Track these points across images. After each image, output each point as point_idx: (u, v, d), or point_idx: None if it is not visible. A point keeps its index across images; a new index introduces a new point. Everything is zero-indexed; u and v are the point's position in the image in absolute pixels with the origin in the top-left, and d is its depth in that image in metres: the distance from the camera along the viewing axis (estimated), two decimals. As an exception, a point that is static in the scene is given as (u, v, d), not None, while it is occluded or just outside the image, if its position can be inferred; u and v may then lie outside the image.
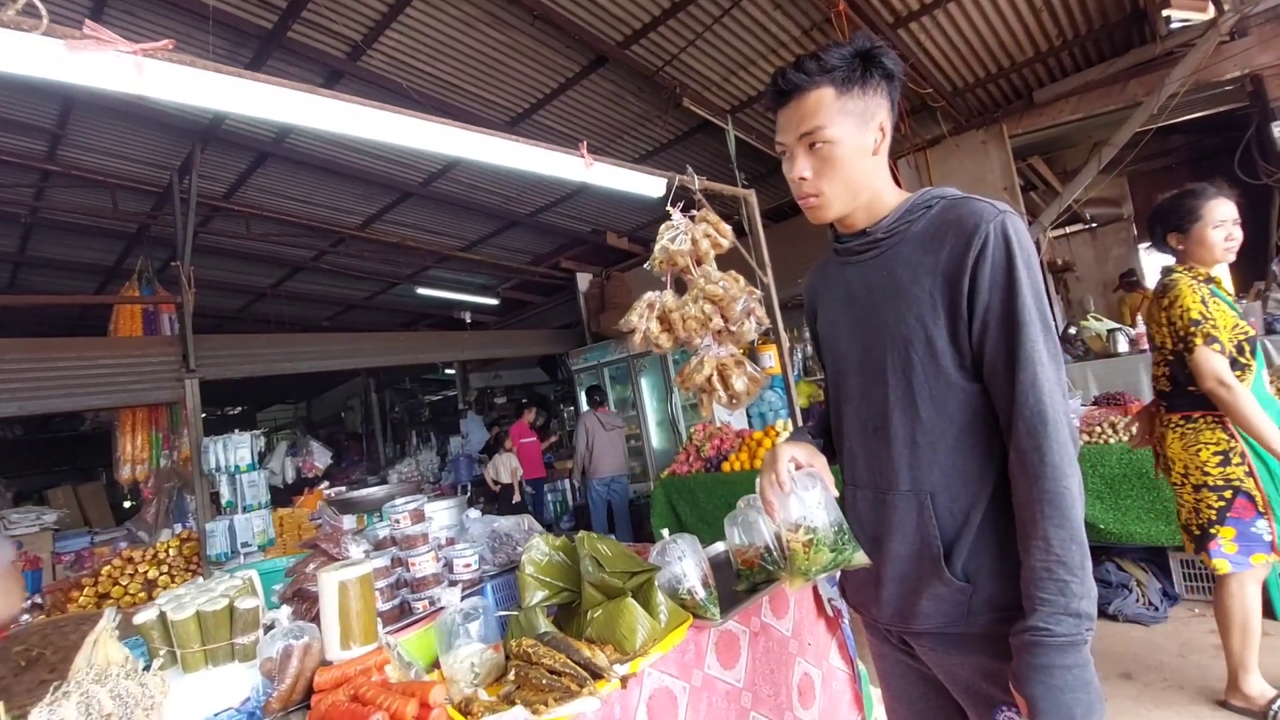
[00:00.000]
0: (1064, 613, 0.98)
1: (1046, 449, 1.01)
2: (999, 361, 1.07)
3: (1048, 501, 1.00)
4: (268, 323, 10.03)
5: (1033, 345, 1.04)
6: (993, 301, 1.07)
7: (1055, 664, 0.97)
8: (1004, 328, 1.06)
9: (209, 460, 5.14)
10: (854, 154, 1.18)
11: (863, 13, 4.72)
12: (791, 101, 1.19)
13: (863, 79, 1.16)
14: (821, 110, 1.16)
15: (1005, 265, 1.06)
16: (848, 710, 2.20)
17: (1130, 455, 3.51)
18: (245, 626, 1.69)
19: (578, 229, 8.91)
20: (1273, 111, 5.11)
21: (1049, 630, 0.98)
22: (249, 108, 1.92)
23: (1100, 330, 5.74)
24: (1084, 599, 0.99)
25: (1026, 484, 1.03)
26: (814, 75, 1.16)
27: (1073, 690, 0.96)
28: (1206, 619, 3.41)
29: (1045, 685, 0.97)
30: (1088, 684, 0.97)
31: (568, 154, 2.22)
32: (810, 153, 1.19)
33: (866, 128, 1.18)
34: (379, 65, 5.00)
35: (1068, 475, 1.01)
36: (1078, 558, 0.99)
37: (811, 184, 1.20)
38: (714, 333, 2.13)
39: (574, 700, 1.36)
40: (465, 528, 2.29)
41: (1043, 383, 1.03)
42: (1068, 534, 0.99)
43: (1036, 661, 0.98)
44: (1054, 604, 0.99)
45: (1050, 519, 1.00)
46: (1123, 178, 8.67)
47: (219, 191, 6.61)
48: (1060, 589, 0.99)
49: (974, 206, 1.11)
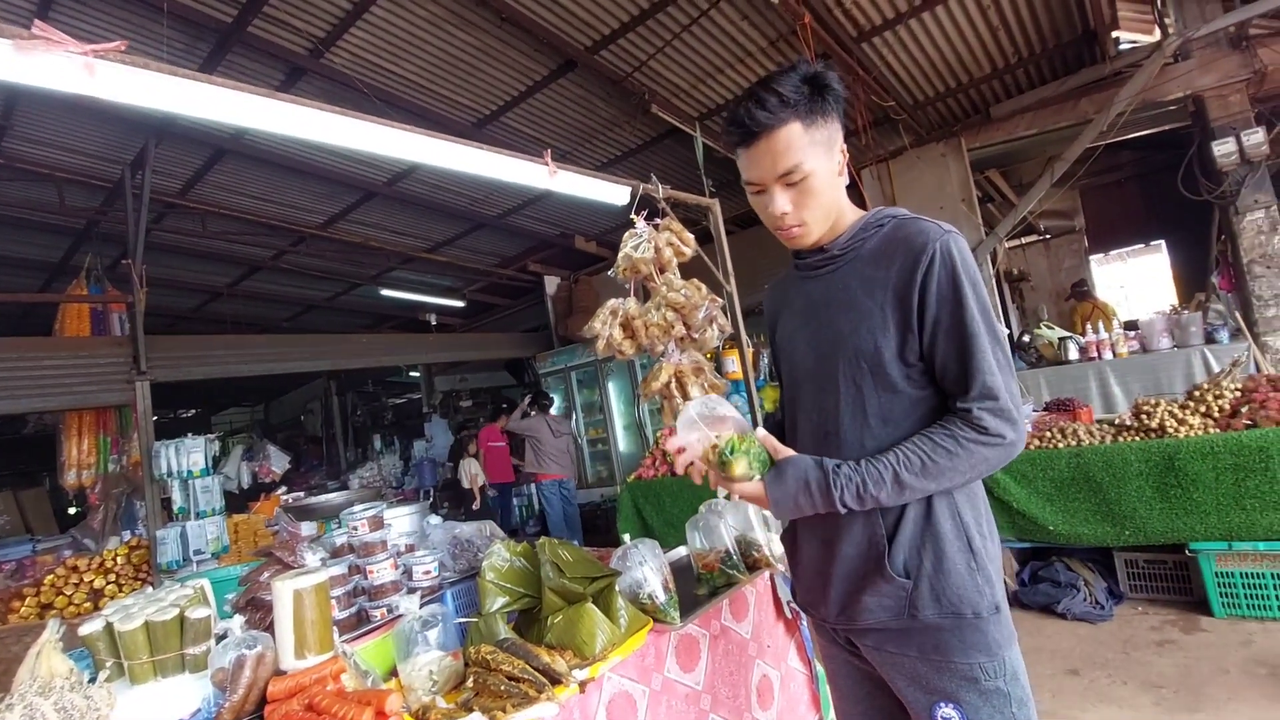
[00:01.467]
0: (851, 494, 1.14)
1: (975, 450, 1.12)
2: (950, 371, 1.14)
3: (940, 472, 1.12)
4: (224, 323, 9.76)
5: (983, 354, 1.11)
6: (941, 315, 1.14)
7: (799, 499, 1.18)
8: (954, 340, 1.13)
9: (160, 465, 4.99)
10: (827, 181, 1.23)
11: (828, 26, 4.82)
12: (760, 141, 1.19)
13: (823, 107, 1.20)
14: (794, 147, 1.18)
15: (951, 282, 1.13)
16: (805, 710, 2.24)
17: (1079, 459, 3.65)
18: (196, 637, 1.65)
19: (546, 232, 8.88)
20: (1213, 131, 5.36)
21: (840, 491, 1.15)
22: (205, 111, 1.88)
23: (1052, 338, 5.94)
24: (867, 499, 1.14)
25: (946, 446, 1.13)
26: (779, 111, 1.17)
27: (778, 503, 1.20)
28: (1149, 616, 3.56)
29: (782, 491, 1.19)
30: (789, 499, 1.19)
31: (532, 162, 2.22)
32: (789, 189, 1.22)
33: (832, 153, 1.23)
34: (342, 63, 4.91)
35: (966, 474, 1.13)
36: (899, 495, 1.14)
37: (793, 216, 1.24)
38: (676, 339, 2.15)
39: (532, 706, 1.36)
40: (426, 534, 2.27)
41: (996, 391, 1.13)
42: (919, 487, 1.13)
43: (800, 480, 1.18)
44: (857, 485, 1.14)
45: (926, 472, 1.12)
46: (1075, 191, 9.00)
47: (174, 188, 6.42)
48: (875, 483, 1.13)
49: (921, 226, 1.18)
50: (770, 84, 1.18)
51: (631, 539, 1.93)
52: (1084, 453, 3.65)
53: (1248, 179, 5.23)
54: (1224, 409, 3.50)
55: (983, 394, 1.11)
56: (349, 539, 1.93)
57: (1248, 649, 3.05)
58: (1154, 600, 3.72)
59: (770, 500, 1.20)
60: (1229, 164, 5.22)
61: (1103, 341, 5.45)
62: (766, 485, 1.21)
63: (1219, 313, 5.23)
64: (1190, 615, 3.48)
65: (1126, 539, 3.57)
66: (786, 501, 1.19)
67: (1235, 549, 3.30)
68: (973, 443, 1.10)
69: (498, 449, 8.26)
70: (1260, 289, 5.24)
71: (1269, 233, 5.23)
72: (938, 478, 1.12)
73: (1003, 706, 1.14)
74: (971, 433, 1.10)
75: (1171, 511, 3.42)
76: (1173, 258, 9.36)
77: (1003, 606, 1.18)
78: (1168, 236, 9.29)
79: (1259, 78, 5.24)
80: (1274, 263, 5.21)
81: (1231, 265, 5.67)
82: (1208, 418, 3.50)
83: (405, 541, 2.10)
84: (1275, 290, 5.20)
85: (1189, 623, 3.41)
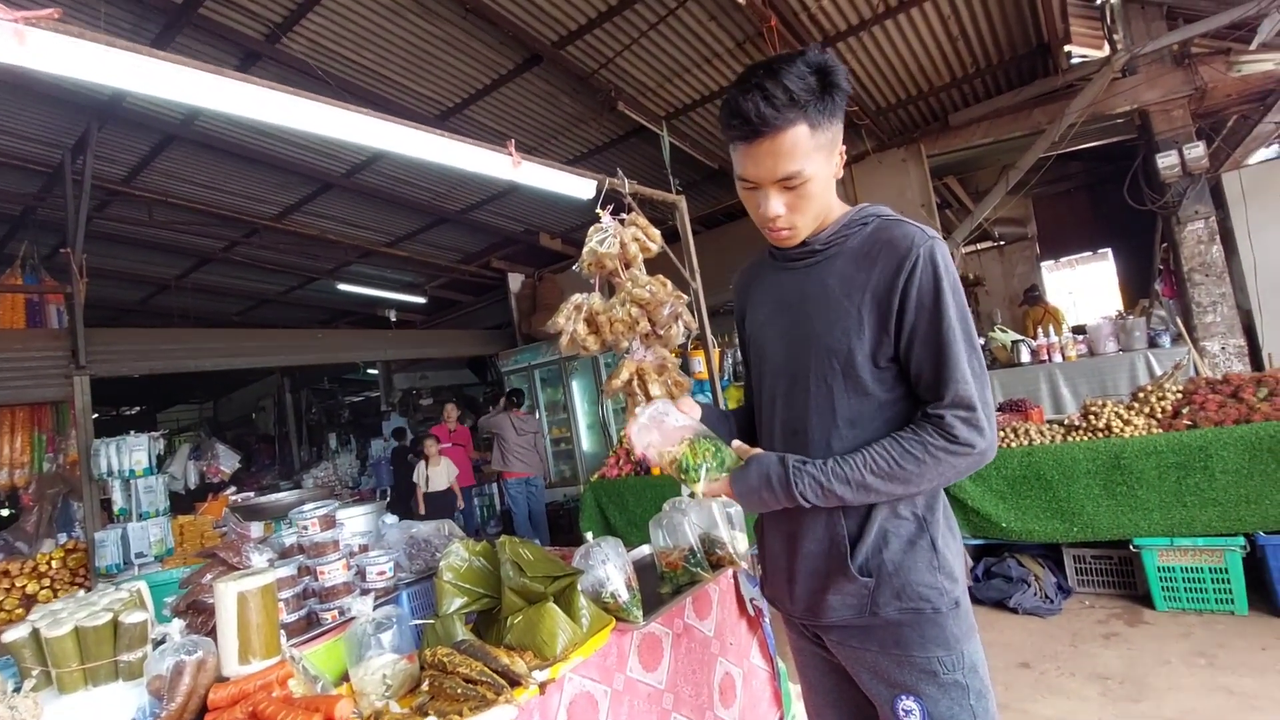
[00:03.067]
0: (813, 491, 1.15)
1: (944, 458, 1.13)
2: (926, 377, 1.14)
3: (907, 476, 1.13)
4: (171, 316, 9.37)
5: (958, 362, 1.11)
6: (919, 321, 1.13)
7: (761, 491, 1.20)
8: (931, 346, 1.12)
9: (100, 464, 4.76)
10: (825, 185, 1.20)
11: (794, 30, 4.87)
12: (763, 141, 1.11)
13: (831, 108, 1.12)
14: (799, 152, 1.12)
15: (933, 288, 1.12)
16: (767, 707, 2.24)
17: (1030, 458, 3.75)
18: (131, 642, 1.56)
19: (510, 228, 8.77)
20: (1157, 144, 5.59)
21: (803, 486, 1.16)
22: (151, 88, 1.78)
23: (1006, 341, 6.11)
24: (827, 495, 1.15)
25: (915, 453, 1.13)
26: (786, 111, 1.08)
27: (744, 495, 1.22)
28: (1096, 610, 3.68)
29: (746, 485, 1.21)
30: (753, 492, 1.21)
31: (495, 151, 2.17)
32: (785, 192, 1.17)
33: (833, 155, 1.19)
34: (300, 49, 4.76)
35: (935, 479, 1.14)
36: (863, 496, 1.15)
37: (785, 219, 1.20)
38: (641, 336, 2.13)
39: (490, 710, 1.32)
40: (381, 534, 2.20)
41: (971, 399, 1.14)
42: (884, 491, 1.14)
43: (763, 476, 1.20)
44: (821, 484, 1.15)
45: (893, 476, 1.13)
46: (1028, 199, 9.29)
47: (118, 174, 6.13)
48: (840, 482, 1.14)
49: (906, 230, 1.17)
50: (780, 75, 1.08)
51: (594, 538, 1.90)
52: (1035, 452, 3.76)
53: (1189, 191, 5.47)
54: (1166, 410, 3.64)
55: (955, 402, 1.10)
56: (299, 539, 1.86)
57: (1187, 640, 3.17)
58: (1100, 594, 3.85)
59: (735, 494, 1.22)
60: (1171, 176, 5.45)
61: (1053, 345, 5.63)
62: (732, 479, 1.23)
63: (1161, 318, 5.45)
64: (1134, 608, 3.60)
65: (1075, 535, 3.68)
66: (750, 495, 1.21)
67: (1176, 544, 3.44)
68: (941, 451, 1.10)
69: (455, 449, 7.92)
70: (1199, 296, 5.48)
71: (1207, 242, 5.47)
72: (905, 483, 1.12)
73: (961, 699, 1.15)
74: (941, 440, 1.10)
75: (1117, 508, 3.55)
76: (1119, 265, 9.76)
77: (963, 602, 1.19)
78: (1114, 245, 9.68)
79: (1200, 94, 5.49)
80: (1212, 271, 5.46)
81: (1173, 273, 5.93)
82: (1151, 418, 3.64)
83: (359, 542, 2.03)
84: (1213, 297, 5.45)
85: (1133, 615, 3.53)
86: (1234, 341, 5.41)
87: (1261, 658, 2.92)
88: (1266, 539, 3.24)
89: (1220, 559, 3.36)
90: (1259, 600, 3.36)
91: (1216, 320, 5.44)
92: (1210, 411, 3.44)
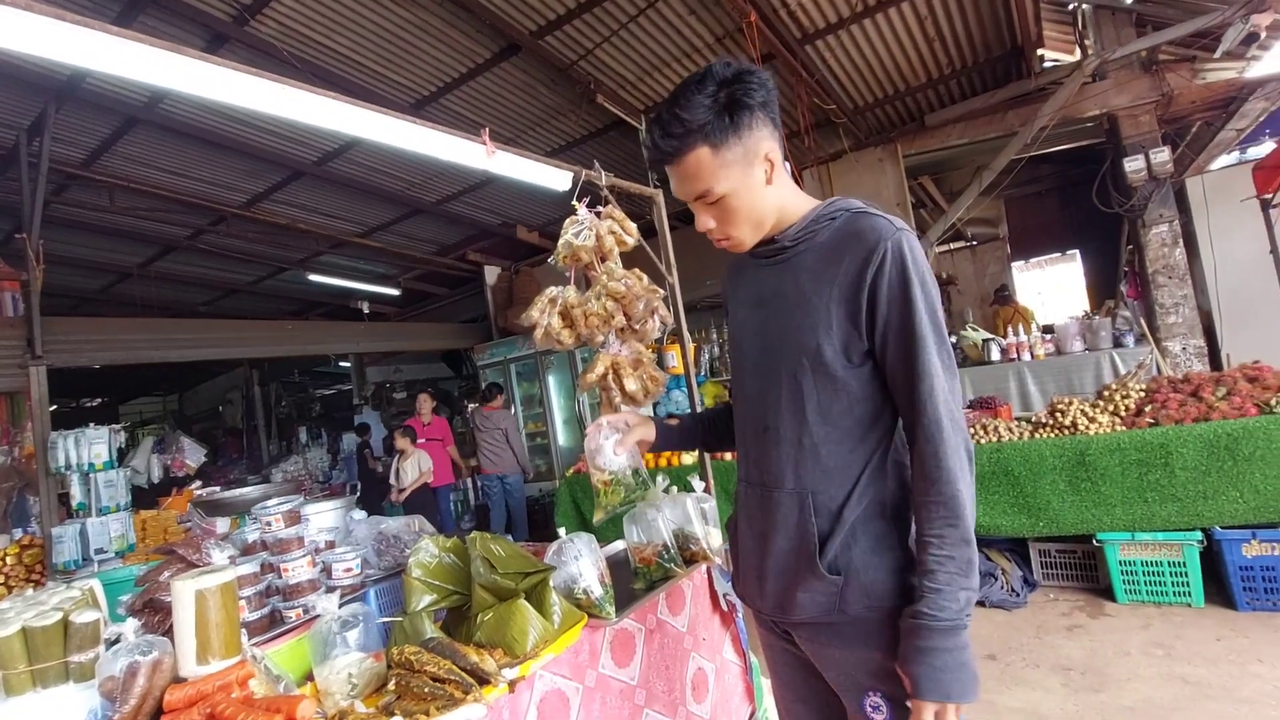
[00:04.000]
0: (949, 600, 1.05)
1: (943, 454, 1.08)
2: (898, 372, 1.13)
3: (943, 504, 1.07)
4: (134, 306, 9.11)
5: (928, 358, 1.09)
6: (890, 316, 1.12)
7: (937, 646, 1.04)
8: (901, 341, 1.11)
9: (57, 457, 4.60)
10: (749, 196, 1.19)
11: (773, 26, 4.87)
12: (671, 165, 1.17)
13: (734, 125, 1.13)
14: (703, 173, 1.15)
15: (901, 282, 1.11)
16: (739, 702, 2.24)
17: (999, 454, 3.82)
18: (83, 643, 1.50)
19: (487, 221, 8.67)
20: (1125, 148, 5.71)
21: (934, 616, 1.04)
22: (108, 65, 1.70)
23: (976, 340, 6.21)
24: (966, 590, 1.06)
25: (924, 486, 1.10)
26: (682, 138, 1.13)
27: (950, 670, 1.03)
28: (1060, 603, 3.76)
29: (928, 665, 1.04)
30: (964, 665, 1.04)
31: (469, 140, 2.13)
32: (709, 208, 1.21)
33: (752, 168, 1.17)
34: (270, 33, 4.64)
35: (960, 479, 1.08)
36: (966, 554, 1.07)
37: (719, 231, 1.24)
38: (616, 330, 2.11)
39: (458, 708, 1.29)
40: (349, 530, 2.15)
41: (938, 393, 1.09)
42: (960, 533, 1.07)
43: (921, 644, 1.05)
44: (941, 593, 1.05)
45: (945, 519, 1.07)
46: (999, 200, 9.46)
47: (77, 158, 5.92)
48: (948, 580, 1.06)
49: (873, 223, 1.15)
50: (678, 103, 1.13)
51: (568, 533, 1.88)
52: (1004, 448, 3.83)
53: (1154, 194, 5.61)
54: (1130, 408, 3.73)
55: (926, 429, 1.09)
56: (261, 535, 1.81)
57: (1147, 631, 3.26)
58: (1065, 587, 3.93)
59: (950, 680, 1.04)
60: (1138, 180, 5.58)
61: (1022, 344, 5.74)
62: (929, 686, 1.04)
63: (1126, 319, 5.58)
64: (1097, 601, 3.69)
65: (1041, 530, 3.76)
66: (958, 671, 1.04)
67: (1137, 539, 3.53)
68: (946, 478, 1.07)
69: (431, 445, 7.27)
70: (1163, 297, 5.63)
71: (1171, 245, 5.62)
72: (960, 521, 1.07)
73: None
74: (942, 474, 1.08)
75: (1082, 504, 3.63)
76: (1086, 266, 9.98)
77: None
78: (1082, 246, 9.89)
79: (1166, 100, 5.62)
80: (1175, 273, 5.61)
81: (1138, 275, 6.07)
82: (1115, 416, 3.73)
83: (325, 538, 1.98)
84: (1175, 299, 5.60)
85: (1095, 608, 3.62)
86: (1194, 342, 5.56)
87: (1215, 648, 3.01)
88: (1223, 534, 3.34)
89: (1179, 553, 3.45)
90: (1214, 593, 3.47)
91: (1178, 321, 5.58)
92: (1171, 410, 3.53)
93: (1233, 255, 5.86)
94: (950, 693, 1.02)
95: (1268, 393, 3.40)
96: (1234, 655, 2.93)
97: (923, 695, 1.03)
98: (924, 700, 1.04)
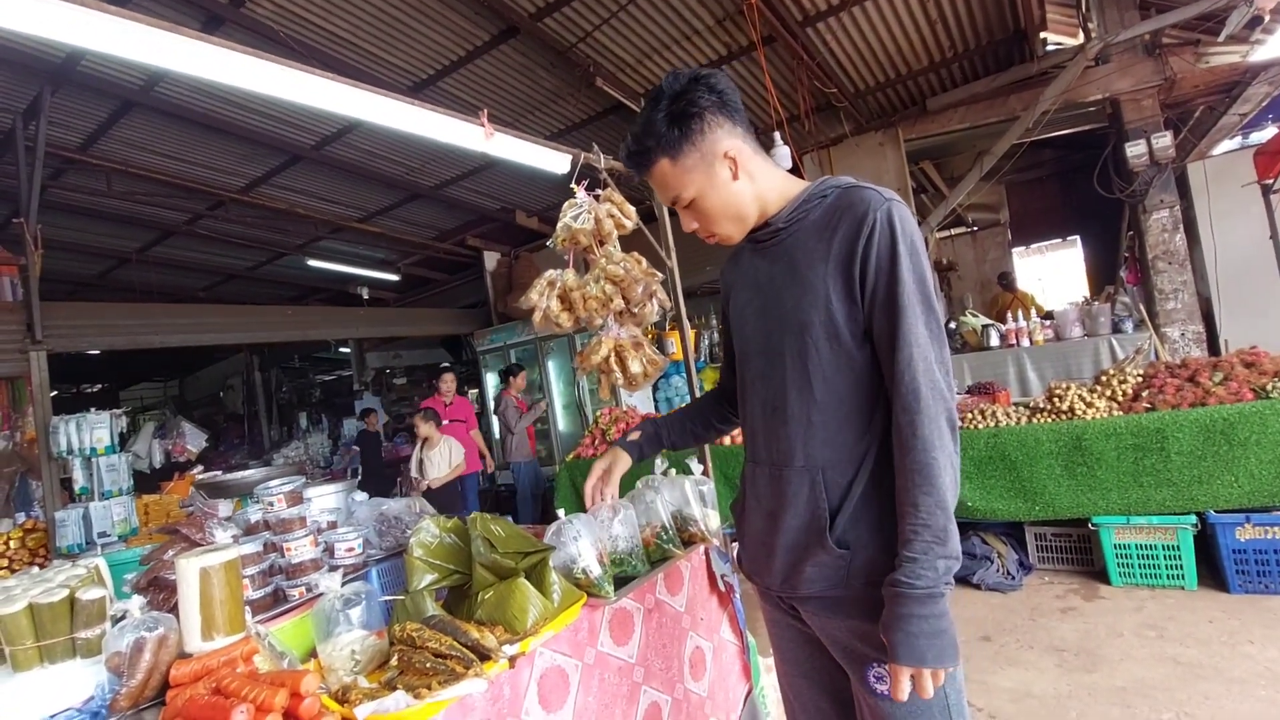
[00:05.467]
0: (925, 569, 1.06)
1: (919, 423, 1.09)
2: (883, 341, 1.15)
3: (917, 471, 1.08)
4: (133, 291, 9.10)
5: (910, 326, 1.10)
6: (878, 285, 1.13)
7: (913, 613, 1.05)
8: (886, 309, 1.13)
9: (59, 442, 4.63)
10: (717, 195, 1.25)
11: (774, 8, 4.82)
12: (645, 174, 1.29)
13: (685, 134, 1.21)
14: (670, 182, 1.26)
15: (890, 250, 1.12)
16: (736, 680, 2.28)
17: (996, 439, 3.84)
18: (90, 619, 1.52)
19: (486, 206, 8.64)
20: (1127, 133, 5.68)
21: (910, 584, 1.06)
22: (103, 44, 1.69)
23: (976, 325, 6.22)
24: (944, 559, 1.07)
25: (901, 454, 1.11)
26: (645, 156, 1.25)
27: (926, 637, 1.05)
28: (1054, 585, 3.80)
29: (904, 632, 1.06)
30: (941, 632, 1.05)
31: (466, 121, 2.12)
32: (685, 211, 1.30)
33: (713, 169, 1.24)
34: (266, 14, 4.60)
35: (936, 447, 1.08)
36: (941, 521, 1.07)
37: (703, 230, 1.32)
38: (615, 313, 2.12)
39: (459, 683, 1.32)
40: (351, 511, 2.17)
41: (918, 362, 1.10)
42: (934, 500, 1.08)
43: (897, 610, 1.07)
44: (917, 561, 1.07)
45: (919, 487, 1.08)
46: (1000, 186, 9.42)
47: (74, 142, 5.89)
48: (924, 549, 1.07)
49: (863, 194, 1.17)
50: (636, 125, 1.25)
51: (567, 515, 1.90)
52: (1001, 433, 3.84)
53: (1155, 180, 5.58)
54: (1127, 393, 3.74)
55: (903, 398, 1.09)
56: (264, 515, 1.83)
57: (1140, 614, 3.30)
58: (1060, 570, 3.97)
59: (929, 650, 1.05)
60: (1140, 164, 5.55)
61: (1021, 329, 5.74)
62: (906, 652, 1.06)
63: (1125, 304, 5.58)
64: (1091, 584, 3.73)
65: (1037, 514, 3.79)
66: (936, 637, 1.05)
67: (1132, 523, 3.55)
68: (921, 446, 1.08)
69: (454, 426, 6.32)
70: (1162, 283, 5.62)
71: (1171, 230, 5.60)
72: (932, 472, 1.07)
73: None
74: (917, 442, 1.08)
75: (1078, 488, 3.65)
76: (1086, 252, 9.95)
77: None
78: (1082, 232, 9.86)
79: (1169, 84, 5.57)
80: (1175, 259, 5.60)
81: (1138, 260, 6.06)
82: (1112, 401, 3.74)
83: (327, 519, 2.00)
84: (1175, 285, 5.59)
85: (1090, 590, 3.66)
86: (1193, 328, 5.57)
87: (1207, 629, 3.05)
88: (1217, 518, 3.37)
89: (1173, 537, 3.48)
90: (1208, 576, 3.51)
91: (1177, 307, 5.58)
92: (1168, 395, 3.54)
93: (1233, 241, 5.85)
94: (925, 658, 1.04)
95: (1264, 378, 3.41)
96: (1225, 636, 2.96)
97: (899, 660, 1.06)
98: (900, 665, 1.06)
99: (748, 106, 6.95)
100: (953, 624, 1.08)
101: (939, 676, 1.07)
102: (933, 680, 1.06)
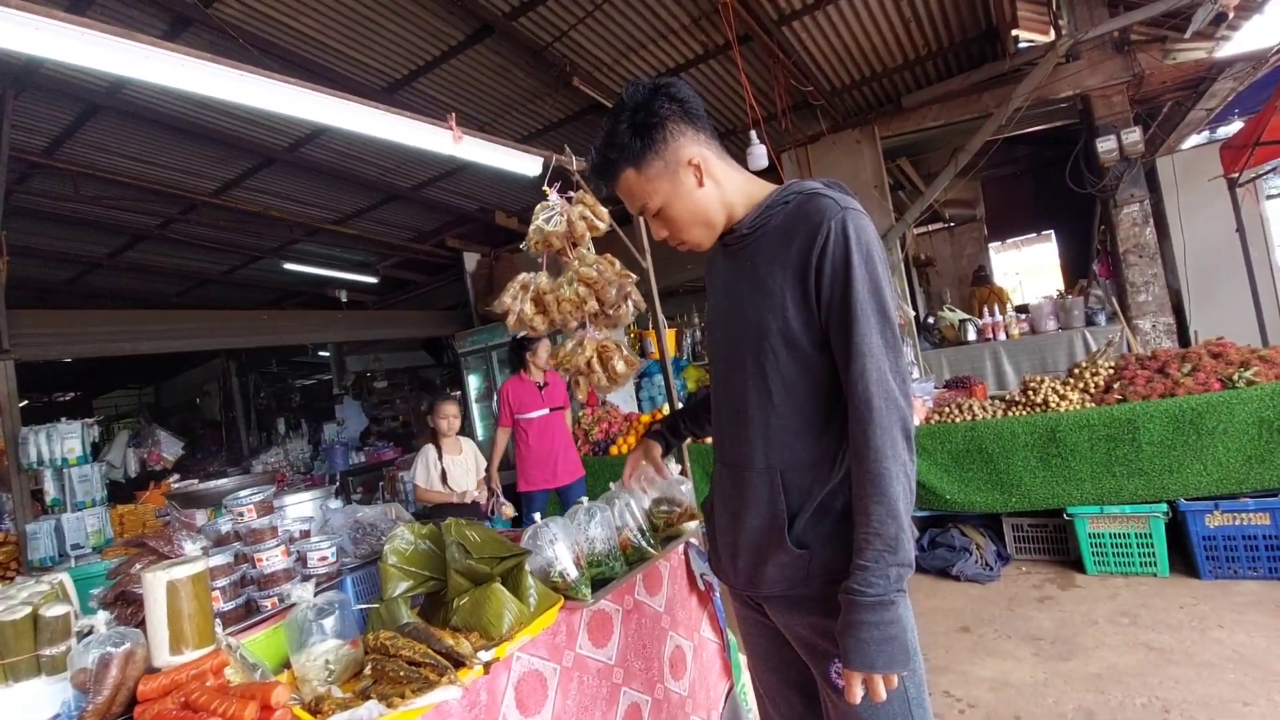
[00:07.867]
0: (876, 576, 1.07)
1: (871, 433, 1.10)
2: (839, 351, 1.15)
3: (870, 481, 1.10)
4: (104, 297, 8.92)
5: (864, 337, 1.11)
6: (833, 295, 1.14)
7: (864, 620, 1.07)
8: (841, 319, 1.14)
9: (29, 453, 4.54)
10: (684, 202, 1.27)
11: (749, 7, 4.83)
12: (611, 186, 1.32)
13: (648, 144, 1.23)
14: (635, 192, 1.28)
15: (844, 260, 1.12)
16: (717, 679, 2.29)
17: (973, 432, 3.88)
18: (54, 636, 1.49)
19: (464, 206, 8.57)
20: (1097, 129, 5.77)
21: (861, 591, 1.08)
22: (62, 54, 1.65)
23: (953, 320, 6.30)
24: (895, 566, 1.08)
25: (855, 463, 1.13)
26: (608, 166, 1.28)
27: (876, 643, 1.06)
28: (1031, 575, 3.85)
29: (854, 638, 1.07)
30: (891, 639, 1.07)
31: (435, 126, 2.10)
32: (653, 219, 1.32)
33: (678, 176, 1.25)
34: (234, 15, 4.52)
35: (889, 457, 1.09)
36: (892, 530, 1.08)
37: (672, 238, 1.34)
38: (589, 315, 2.11)
39: (433, 690, 1.31)
40: (326, 519, 2.15)
41: (871, 372, 1.10)
42: (885, 510, 1.08)
43: (849, 617, 1.09)
44: (869, 569, 1.08)
45: (871, 496, 1.09)
46: (976, 182, 9.53)
47: (38, 145, 5.75)
48: (875, 557, 1.08)
49: (820, 203, 1.17)
50: (600, 139, 1.29)
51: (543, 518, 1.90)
52: (978, 426, 3.89)
53: (1126, 174, 5.68)
54: (1099, 385, 3.81)
55: (857, 409, 1.10)
56: (234, 526, 1.80)
57: (1114, 601, 3.36)
58: (1036, 560, 4.03)
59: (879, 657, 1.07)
60: (1110, 160, 5.64)
61: (998, 324, 5.83)
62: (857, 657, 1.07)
63: (1098, 298, 5.68)
64: (1067, 573, 3.79)
65: (1013, 505, 3.84)
66: (887, 644, 1.06)
67: (1106, 512, 3.62)
68: (873, 456, 1.09)
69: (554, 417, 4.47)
70: (1133, 276, 5.72)
71: (1141, 224, 5.70)
72: (883, 481, 1.08)
73: None
74: (869, 452, 1.09)
75: (1053, 479, 3.71)
76: (1060, 247, 10.11)
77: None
78: (1057, 227, 10.01)
79: (1138, 80, 5.67)
80: (1145, 252, 5.70)
81: (1110, 254, 6.16)
82: (1085, 393, 3.80)
83: (300, 527, 1.98)
84: (1145, 277, 5.69)
85: (1065, 580, 3.71)
86: (1164, 320, 5.67)
87: (1179, 615, 3.11)
88: (1187, 505, 3.44)
89: (1145, 525, 3.55)
90: (1179, 562, 3.58)
91: (1148, 299, 5.69)
92: (1139, 386, 3.61)
93: (1201, 234, 5.96)
94: (875, 664, 1.06)
95: (1230, 368, 3.48)
96: (1196, 622, 3.03)
97: (850, 665, 1.08)
98: (852, 670, 1.08)
99: (724, 105, 6.88)
100: (905, 630, 1.09)
101: (891, 680, 1.08)
102: (885, 684, 1.08)
